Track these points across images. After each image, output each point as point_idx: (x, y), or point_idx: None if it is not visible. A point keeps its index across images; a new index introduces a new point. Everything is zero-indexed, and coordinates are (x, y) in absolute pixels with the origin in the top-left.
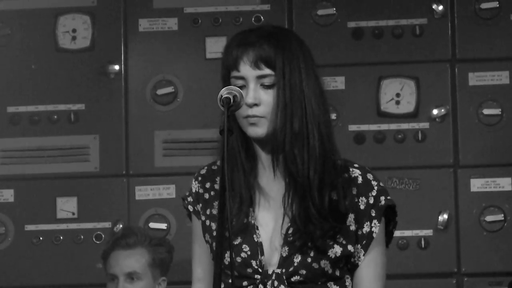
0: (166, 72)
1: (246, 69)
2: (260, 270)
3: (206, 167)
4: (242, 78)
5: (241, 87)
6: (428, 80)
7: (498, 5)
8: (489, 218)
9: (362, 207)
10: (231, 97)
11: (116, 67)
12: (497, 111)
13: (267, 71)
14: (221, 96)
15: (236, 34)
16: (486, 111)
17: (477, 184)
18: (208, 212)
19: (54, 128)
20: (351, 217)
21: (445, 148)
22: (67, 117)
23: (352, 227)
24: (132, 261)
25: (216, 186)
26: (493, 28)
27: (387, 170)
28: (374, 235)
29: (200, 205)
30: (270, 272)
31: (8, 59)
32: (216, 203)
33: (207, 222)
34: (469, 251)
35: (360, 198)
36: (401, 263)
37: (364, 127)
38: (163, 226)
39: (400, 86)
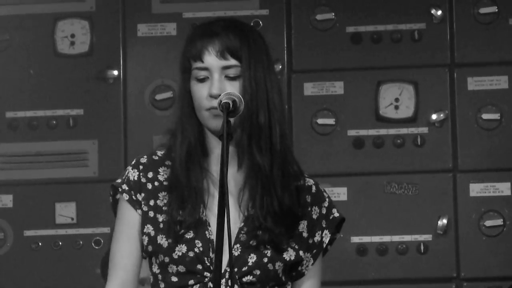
0: (165, 77)
1: (211, 59)
2: (212, 268)
3: (146, 156)
4: (205, 69)
5: (203, 79)
6: (427, 85)
7: (496, 10)
8: (488, 223)
9: (314, 216)
10: (230, 102)
11: (115, 72)
12: (496, 115)
13: (232, 61)
14: (220, 101)
15: (199, 25)
16: (485, 116)
17: (476, 189)
18: (152, 203)
19: (53, 133)
20: (304, 223)
21: (444, 153)
22: (66, 122)
23: (305, 234)
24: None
25: (160, 177)
26: (492, 32)
27: (386, 175)
28: (324, 245)
29: (142, 194)
30: (222, 271)
31: (6, 64)
32: (161, 194)
33: (151, 213)
34: (469, 256)
35: (314, 207)
36: (400, 268)
37: (363, 132)
38: None
39: (399, 91)
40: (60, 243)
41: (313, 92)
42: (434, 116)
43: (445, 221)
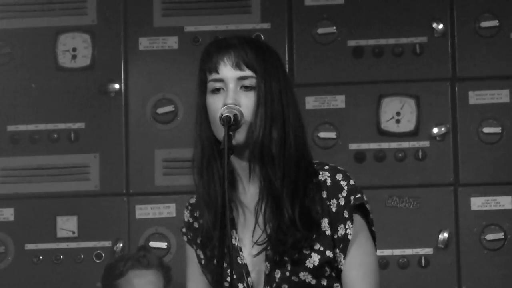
0: (166, 91)
1: (227, 70)
2: None
3: (195, 196)
4: (221, 80)
5: (218, 90)
6: (428, 99)
7: (498, 24)
8: (489, 236)
9: (333, 209)
10: (231, 115)
11: (116, 85)
12: (497, 129)
13: (248, 72)
14: (221, 114)
15: (214, 41)
16: (486, 130)
17: (477, 203)
18: (198, 240)
19: (54, 146)
20: (325, 221)
21: (446, 166)
22: (67, 135)
23: (328, 232)
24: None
25: None
26: (493, 46)
27: (388, 189)
28: (349, 237)
29: (191, 234)
30: None
31: (8, 78)
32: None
33: (198, 252)
34: (470, 270)
35: (331, 200)
36: (402, 282)
37: (364, 146)
38: (163, 245)
39: (401, 105)
40: (61, 257)
41: (315, 105)
42: (435, 130)
43: (446, 234)
